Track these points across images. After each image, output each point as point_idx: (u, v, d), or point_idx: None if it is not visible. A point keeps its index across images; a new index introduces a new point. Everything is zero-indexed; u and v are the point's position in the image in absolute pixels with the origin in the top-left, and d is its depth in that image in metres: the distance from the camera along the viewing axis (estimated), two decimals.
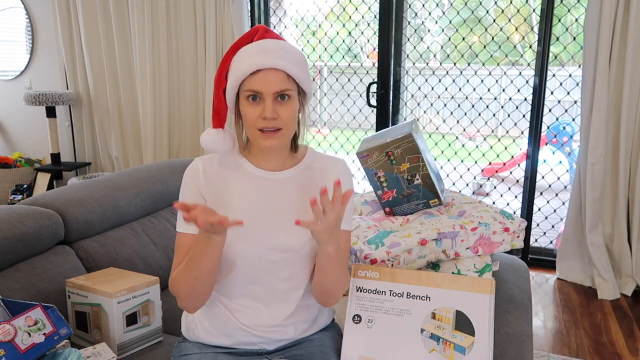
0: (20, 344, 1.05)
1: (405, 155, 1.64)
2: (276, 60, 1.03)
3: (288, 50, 1.07)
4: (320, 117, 8.27)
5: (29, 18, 3.93)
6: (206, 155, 1.19)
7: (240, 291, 1.15)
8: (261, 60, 1.03)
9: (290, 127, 1.09)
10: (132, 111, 3.75)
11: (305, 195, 1.16)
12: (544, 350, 2.25)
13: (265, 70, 1.03)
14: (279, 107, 1.05)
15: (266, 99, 1.04)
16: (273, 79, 1.03)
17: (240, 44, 1.09)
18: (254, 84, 1.04)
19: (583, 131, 2.73)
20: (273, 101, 1.04)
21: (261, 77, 1.03)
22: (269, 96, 1.04)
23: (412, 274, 1.19)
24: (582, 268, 2.90)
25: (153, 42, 3.49)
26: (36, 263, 1.46)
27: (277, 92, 1.04)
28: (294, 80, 1.06)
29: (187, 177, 1.15)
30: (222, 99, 1.11)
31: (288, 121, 1.07)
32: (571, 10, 3.37)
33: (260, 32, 1.09)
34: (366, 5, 4.26)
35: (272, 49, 1.05)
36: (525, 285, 1.71)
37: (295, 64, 1.05)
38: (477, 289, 1.15)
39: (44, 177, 3.86)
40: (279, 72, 1.03)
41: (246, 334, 1.16)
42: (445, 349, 1.11)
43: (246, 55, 1.05)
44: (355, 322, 1.17)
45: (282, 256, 1.13)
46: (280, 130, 1.06)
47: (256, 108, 1.05)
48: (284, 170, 1.17)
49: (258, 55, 1.03)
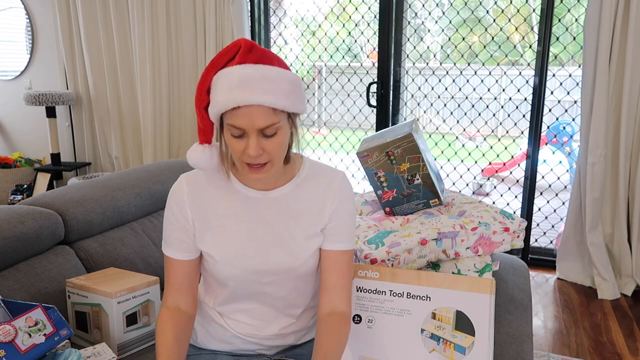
0: (20, 345, 1.05)
1: (405, 155, 1.64)
2: (260, 96, 0.90)
3: (274, 78, 0.92)
4: (320, 117, 8.27)
5: (29, 18, 3.93)
6: (192, 171, 1.11)
7: (236, 307, 1.14)
8: (242, 96, 0.90)
9: (278, 158, 0.99)
10: (132, 111, 3.75)
11: (300, 211, 1.08)
12: (544, 350, 2.25)
13: (247, 106, 0.91)
14: (265, 142, 0.94)
15: (250, 136, 0.93)
16: (257, 115, 0.91)
17: (221, 61, 0.95)
18: (235, 119, 0.92)
19: (583, 131, 2.73)
20: (258, 136, 0.94)
21: (243, 113, 0.91)
22: (253, 132, 0.93)
23: (412, 274, 1.18)
24: (582, 268, 2.90)
25: (153, 42, 3.49)
26: (36, 263, 1.46)
27: (262, 128, 0.93)
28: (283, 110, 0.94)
29: (171, 202, 1.08)
30: (204, 116, 1.00)
31: (275, 154, 0.97)
32: (571, 10, 3.37)
33: (243, 50, 0.94)
34: (366, 5, 4.26)
35: (255, 79, 0.90)
36: (525, 285, 1.71)
37: (283, 95, 0.92)
38: (477, 289, 1.15)
39: (44, 177, 3.86)
40: (264, 107, 0.91)
41: (244, 341, 1.16)
42: (445, 349, 1.11)
43: (226, 85, 0.92)
44: (356, 322, 1.17)
45: (274, 278, 1.09)
46: (268, 162, 0.98)
47: (240, 143, 0.95)
48: (276, 188, 1.08)
49: (239, 89, 0.90)
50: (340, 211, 1.10)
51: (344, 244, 1.11)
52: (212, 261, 1.08)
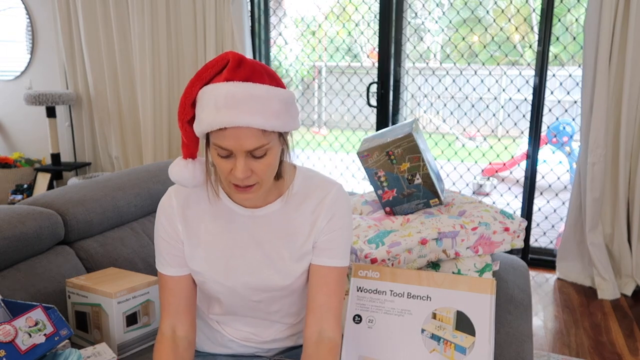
0: (20, 345, 1.05)
1: (405, 155, 1.64)
2: (248, 119, 0.84)
3: (263, 98, 0.85)
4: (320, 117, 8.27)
5: (29, 18, 3.93)
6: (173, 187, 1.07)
7: (231, 318, 1.13)
8: (229, 118, 0.84)
9: (267, 179, 0.93)
10: (132, 111, 3.75)
11: (289, 230, 1.02)
12: (544, 350, 2.25)
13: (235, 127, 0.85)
14: (254, 163, 0.89)
15: (238, 158, 0.87)
16: (245, 137, 0.85)
17: (208, 73, 0.88)
18: (222, 140, 0.86)
19: (583, 131, 2.73)
20: (246, 158, 0.88)
21: (231, 135, 0.85)
22: (241, 154, 0.87)
23: (412, 274, 1.18)
24: (582, 268, 2.90)
25: (153, 42, 3.49)
26: (36, 263, 1.46)
27: (250, 150, 0.87)
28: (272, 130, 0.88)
29: (161, 217, 1.03)
30: (189, 131, 0.93)
31: (264, 175, 0.91)
32: (571, 10, 3.37)
33: (231, 65, 0.87)
34: (366, 5, 4.26)
35: (242, 99, 0.84)
36: (525, 285, 1.71)
37: (273, 115, 0.86)
38: (478, 289, 1.15)
39: (44, 177, 3.86)
40: (252, 129, 0.85)
41: (241, 346, 1.16)
42: (445, 349, 1.11)
43: (212, 103, 0.85)
44: (356, 322, 1.17)
45: (266, 295, 1.06)
46: (256, 184, 0.92)
47: (227, 163, 0.89)
48: (265, 205, 1.02)
49: (226, 109, 0.84)
50: (332, 225, 1.03)
51: (335, 260, 1.03)
52: (202, 279, 1.05)
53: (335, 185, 1.05)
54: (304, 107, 6.33)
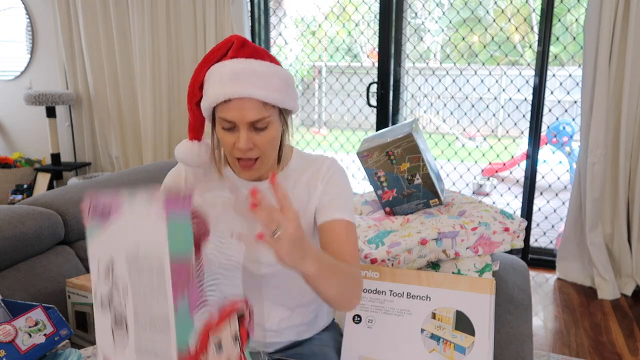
0: (20, 345, 1.05)
1: (405, 155, 1.64)
2: (250, 90, 0.91)
3: (265, 74, 0.93)
4: (320, 117, 8.27)
5: (29, 18, 3.93)
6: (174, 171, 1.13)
7: None
8: (233, 89, 0.91)
9: (269, 154, 1.00)
10: (132, 111, 3.75)
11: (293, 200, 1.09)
12: (544, 350, 2.25)
13: (238, 99, 0.92)
14: (256, 136, 0.95)
15: (241, 129, 0.94)
16: (247, 108, 0.92)
17: (213, 57, 0.97)
18: (226, 112, 0.93)
19: (583, 131, 2.73)
20: (248, 130, 0.94)
21: (234, 106, 0.92)
22: (244, 126, 0.94)
23: (412, 274, 1.18)
24: (582, 268, 2.90)
25: (153, 42, 3.49)
26: (36, 263, 1.46)
27: (253, 122, 0.94)
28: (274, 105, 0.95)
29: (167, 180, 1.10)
30: (196, 112, 1.01)
31: (266, 149, 0.97)
32: (571, 10, 3.37)
33: (235, 46, 0.95)
34: (366, 5, 4.26)
35: (246, 74, 0.92)
36: (525, 285, 1.71)
37: (274, 89, 0.93)
38: (477, 289, 1.15)
39: (44, 177, 3.86)
40: (254, 100, 0.92)
41: None
42: (445, 349, 1.11)
43: (217, 79, 0.93)
44: (356, 322, 1.17)
45: (270, 270, 1.08)
46: (259, 159, 0.98)
47: (231, 136, 0.95)
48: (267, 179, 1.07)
49: (230, 83, 0.91)
50: (330, 186, 1.07)
51: (339, 214, 1.05)
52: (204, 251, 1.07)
53: (329, 157, 1.12)
54: (304, 107, 6.33)
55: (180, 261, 0.64)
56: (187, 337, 0.65)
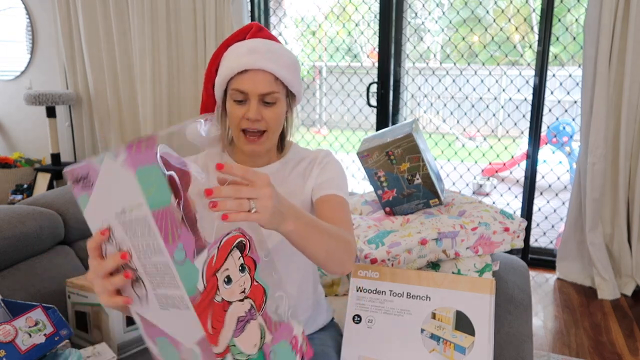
0: (20, 345, 1.05)
1: (405, 155, 1.64)
2: (264, 63, 1.01)
3: (278, 52, 1.04)
4: (320, 117, 8.27)
5: (29, 18, 3.93)
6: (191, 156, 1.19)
7: None
8: (249, 61, 1.01)
9: (274, 130, 1.07)
10: (132, 111, 3.75)
11: (287, 185, 1.14)
12: (544, 350, 2.25)
13: (253, 70, 1.02)
14: (264, 110, 1.04)
15: (251, 100, 1.03)
16: (260, 80, 1.02)
17: (233, 40, 1.08)
18: (240, 83, 1.02)
19: (583, 131, 2.73)
20: (258, 103, 1.03)
21: (248, 77, 1.02)
22: (255, 97, 1.03)
23: (412, 274, 1.19)
24: (582, 268, 2.90)
25: (153, 42, 3.49)
26: (36, 263, 1.46)
27: (263, 94, 1.03)
28: (282, 83, 1.05)
29: None
30: (210, 92, 1.11)
31: (272, 123, 1.05)
32: (571, 10, 3.37)
33: (254, 30, 1.08)
34: (366, 5, 4.26)
35: (261, 50, 1.03)
36: (525, 285, 1.71)
37: (284, 67, 1.04)
38: (477, 289, 1.15)
39: (44, 177, 3.86)
40: (267, 73, 1.02)
41: None
42: (445, 349, 1.11)
43: (235, 53, 1.04)
44: (355, 322, 1.17)
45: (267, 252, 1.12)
46: (265, 132, 1.05)
47: (241, 109, 1.04)
48: (267, 165, 1.16)
49: (247, 56, 1.02)
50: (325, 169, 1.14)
51: (333, 190, 1.10)
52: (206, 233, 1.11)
53: (323, 150, 1.21)
54: (304, 107, 6.33)
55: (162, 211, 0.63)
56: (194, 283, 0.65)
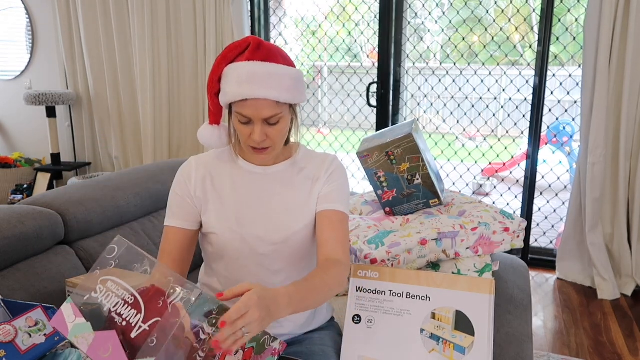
0: (20, 345, 1.06)
1: (405, 155, 1.64)
2: (265, 92, 1.02)
3: (278, 74, 1.04)
4: (320, 117, 8.27)
5: (29, 18, 3.93)
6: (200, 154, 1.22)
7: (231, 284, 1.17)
8: (249, 90, 1.02)
9: (279, 143, 1.11)
10: (132, 111, 3.75)
11: (295, 185, 1.19)
12: (544, 350, 2.25)
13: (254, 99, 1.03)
14: (269, 129, 1.07)
15: (255, 124, 1.05)
16: (262, 107, 1.03)
17: (231, 54, 1.06)
18: (243, 109, 1.04)
19: (583, 131, 2.73)
20: (262, 124, 1.06)
21: (250, 105, 1.03)
22: (258, 121, 1.05)
23: (412, 274, 1.19)
24: (582, 268, 2.90)
25: (153, 42, 3.49)
26: (36, 263, 1.46)
27: (267, 118, 1.05)
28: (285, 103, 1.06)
29: (179, 177, 1.19)
30: (215, 101, 1.13)
31: (277, 139, 1.09)
32: (571, 10, 3.37)
33: (252, 47, 1.05)
34: (366, 5, 4.26)
35: (261, 76, 1.02)
36: (525, 285, 1.71)
37: (286, 90, 1.04)
38: (477, 289, 1.15)
39: (44, 177, 3.86)
40: (269, 100, 1.03)
41: None
42: (445, 349, 1.11)
43: (235, 79, 1.03)
44: (355, 322, 1.17)
45: (271, 249, 1.15)
46: (270, 147, 1.10)
47: (247, 128, 1.07)
48: (275, 164, 1.20)
49: (247, 84, 1.02)
50: (332, 178, 1.20)
51: (336, 205, 1.17)
52: (212, 229, 1.15)
53: (331, 155, 1.25)
54: (304, 107, 6.34)
55: None
56: None
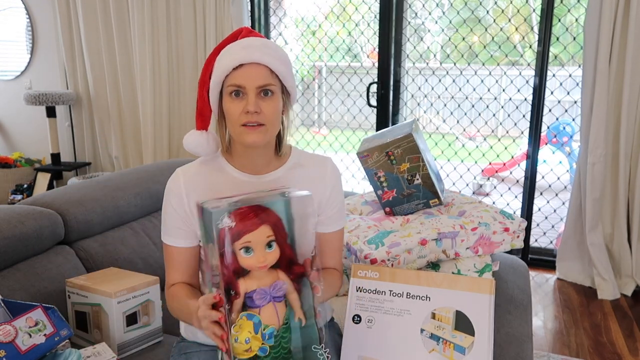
0: (20, 345, 1.05)
1: (405, 155, 1.64)
2: (259, 55, 1.03)
3: (272, 47, 1.06)
4: (320, 117, 8.27)
5: (29, 18, 3.93)
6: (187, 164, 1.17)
7: None
8: (244, 55, 1.03)
9: (273, 124, 1.07)
10: (132, 111, 3.75)
11: None
12: (544, 350, 2.25)
13: (248, 65, 1.03)
14: (262, 103, 1.04)
15: (249, 94, 1.03)
16: (256, 73, 1.03)
17: (224, 45, 1.08)
18: (237, 78, 1.03)
19: (583, 131, 2.73)
20: (256, 96, 1.03)
21: (244, 72, 1.03)
22: (252, 91, 1.03)
23: (411, 274, 1.18)
24: (582, 268, 2.90)
25: (153, 42, 3.49)
26: (36, 263, 1.46)
27: (260, 87, 1.03)
28: (277, 77, 1.06)
29: (169, 195, 1.14)
30: (205, 99, 1.11)
31: (271, 117, 1.05)
32: (571, 10, 3.37)
33: (245, 32, 1.09)
34: (366, 5, 4.26)
35: (255, 45, 1.05)
36: (525, 285, 1.71)
37: (279, 61, 1.05)
38: (477, 289, 1.15)
39: (44, 177, 3.86)
40: (262, 67, 1.03)
41: None
42: (445, 349, 1.11)
43: (229, 52, 1.05)
44: (355, 322, 1.17)
45: None
46: (264, 125, 1.05)
47: (239, 104, 1.04)
48: (269, 172, 1.15)
49: (242, 51, 1.03)
50: (334, 196, 1.19)
51: (340, 223, 1.21)
52: None
53: (328, 158, 1.23)
54: (304, 107, 6.33)
55: None
56: None
